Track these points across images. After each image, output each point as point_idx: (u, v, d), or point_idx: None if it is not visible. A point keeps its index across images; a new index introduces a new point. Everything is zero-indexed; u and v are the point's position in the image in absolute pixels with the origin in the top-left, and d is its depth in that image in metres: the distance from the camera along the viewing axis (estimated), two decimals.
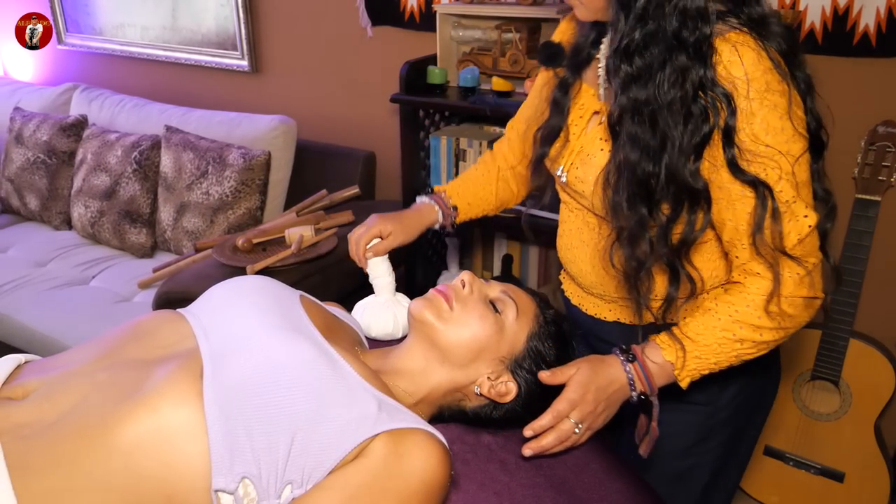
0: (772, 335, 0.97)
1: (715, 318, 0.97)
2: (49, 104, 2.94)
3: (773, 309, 0.95)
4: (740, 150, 0.90)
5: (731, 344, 0.97)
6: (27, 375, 0.91)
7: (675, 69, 0.89)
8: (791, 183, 0.91)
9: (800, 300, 0.95)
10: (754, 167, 0.91)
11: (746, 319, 0.96)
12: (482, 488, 0.97)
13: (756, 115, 0.89)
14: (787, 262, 0.93)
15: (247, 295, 1.00)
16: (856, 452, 1.81)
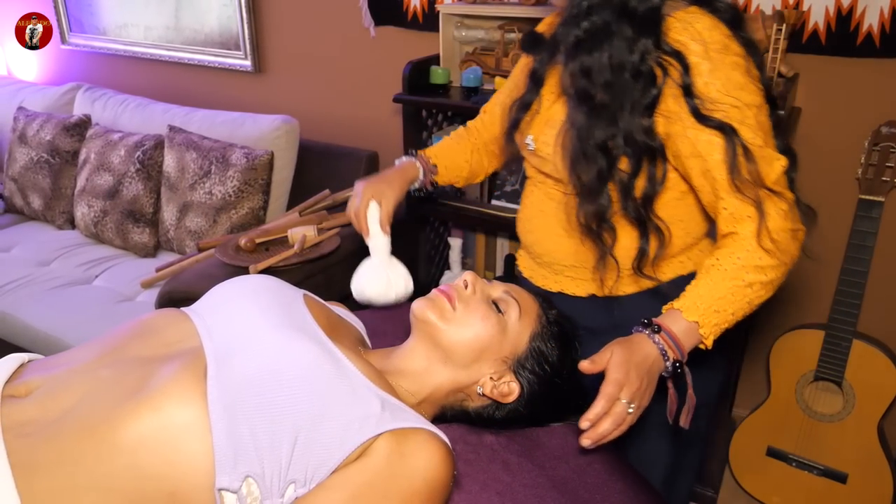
0: (775, 272, 1.00)
1: (721, 270, 0.99)
2: (52, 104, 2.95)
3: (768, 246, 0.98)
4: (703, 101, 0.97)
5: (743, 290, 0.99)
6: (30, 374, 0.91)
7: (622, 37, 0.97)
8: (758, 130, 0.98)
9: (788, 233, 1.00)
10: (719, 115, 0.96)
11: (750, 262, 0.99)
12: (484, 488, 0.97)
13: (718, 70, 0.96)
14: (770, 197, 0.98)
15: (250, 294, 1.00)
16: (859, 453, 1.81)
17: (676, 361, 0.99)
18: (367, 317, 1.34)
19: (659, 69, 0.98)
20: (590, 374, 0.96)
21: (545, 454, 1.05)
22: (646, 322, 1.00)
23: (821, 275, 1.99)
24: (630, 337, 1.00)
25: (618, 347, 0.97)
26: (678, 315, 1.00)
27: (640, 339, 0.99)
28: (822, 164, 1.90)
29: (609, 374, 0.94)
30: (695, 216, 1.13)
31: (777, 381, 1.88)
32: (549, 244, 1.21)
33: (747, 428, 1.96)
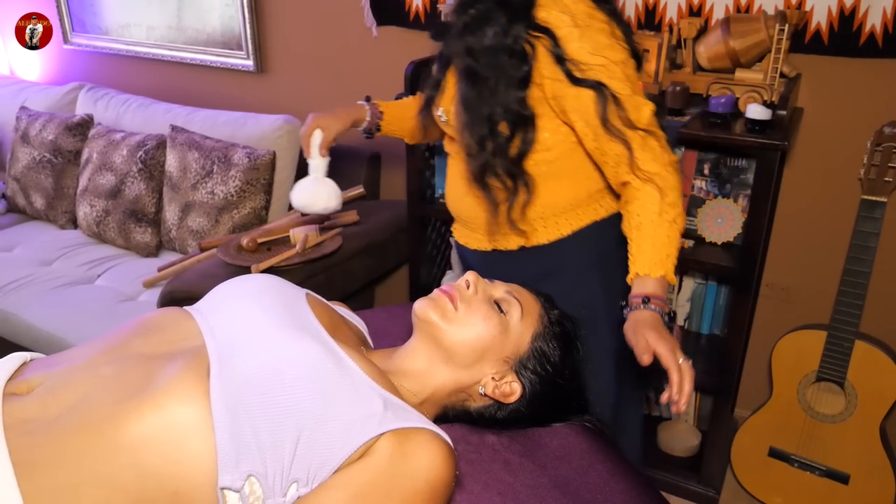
0: (676, 196, 1.18)
1: (648, 224, 1.16)
2: (55, 103, 2.95)
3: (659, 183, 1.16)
4: (577, 63, 1.13)
5: (671, 228, 1.16)
6: (31, 371, 0.91)
7: (498, 23, 1.15)
8: (626, 82, 1.15)
9: (669, 164, 1.17)
10: (591, 74, 1.13)
11: (660, 205, 1.16)
12: (486, 488, 0.97)
13: (586, 36, 1.13)
14: (645, 136, 1.16)
15: (253, 293, 1.00)
16: (861, 454, 1.81)
17: (669, 312, 1.21)
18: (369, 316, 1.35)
19: (530, 47, 1.15)
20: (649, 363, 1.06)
21: (547, 454, 1.05)
22: (627, 303, 1.16)
23: (823, 275, 1.99)
24: (638, 316, 1.13)
25: (645, 329, 1.09)
26: (648, 279, 1.16)
27: (645, 314, 1.12)
28: (824, 165, 1.89)
29: (659, 351, 1.06)
30: (582, 170, 1.29)
31: (779, 382, 1.88)
32: (469, 207, 1.35)
33: (749, 428, 1.96)
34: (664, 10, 1.94)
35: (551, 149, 1.24)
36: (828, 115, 1.85)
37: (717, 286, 2.05)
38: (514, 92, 1.17)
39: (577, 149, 1.26)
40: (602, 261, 1.34)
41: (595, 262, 1.34)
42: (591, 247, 1.33)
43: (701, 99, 1.83)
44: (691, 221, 1.95)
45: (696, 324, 2.11)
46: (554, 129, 1.23)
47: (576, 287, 1.31)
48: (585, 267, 1.34)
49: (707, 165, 1.93)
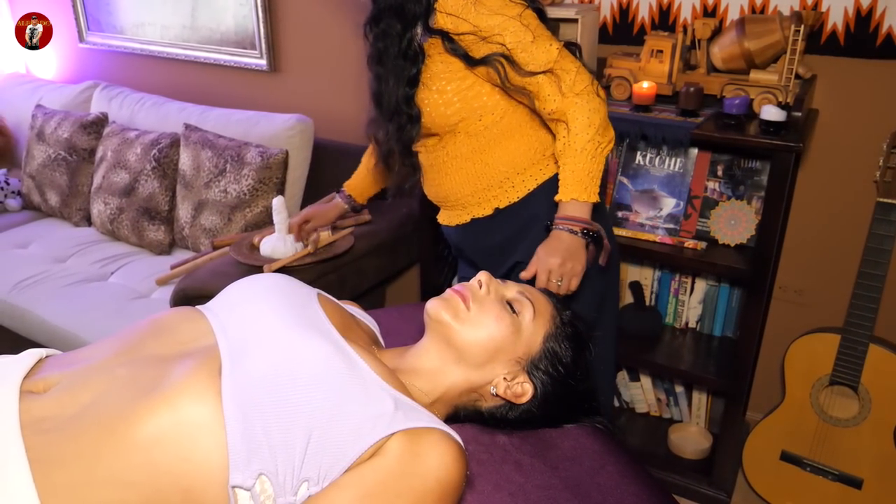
0: (599, 115, 1.30)
1: (573, 146, 1.29)
2: (70, 102, 2.98)
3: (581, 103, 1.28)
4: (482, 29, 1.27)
5: (596, 149, 1.29)
6: (48, 370, 0.92)
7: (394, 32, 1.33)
8: (525, 31, 1.27)
9: (588, 84, 1.29)
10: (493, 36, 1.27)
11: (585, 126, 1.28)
12: (497, 489, 0.97)
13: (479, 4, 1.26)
14: (559, 69, 1.28)
15: (265, 292, 1.00)
16: (875, 459, 1.79)
17: (585, 230, 1.30)
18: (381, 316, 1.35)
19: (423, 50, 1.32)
20: (527, 278, 1.28)
21: (558, 455, 1.05)
22: (550, 223, 1.32)
23: (837, 278, 1.97)
24: (549, 236, 1.33)
25: (539, 247, 1.31)
26: (563, 203, 1.32)
27: (553, 234, 1.32)
28: (839, 167, 1.88)
29: (531, 266, 1.30)
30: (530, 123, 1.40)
31: (792, 385, 1.86)
32: (446, 189, 1.49)
33: (761, 432, 1.94)
34: (678, 10, 1.93)
35: (494, 110, 1.37)
36: (843, 116, 1.83)
37: (730, 288, 2.04)
38: (405, 89, 1.34)
39: (517, 104, 1.38)
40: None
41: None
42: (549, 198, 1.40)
43: (715, 100, 1.82)
44: (704, 223, 1.94)
45: (708, 326, 2.10)
46: (489, 92, 1.36)
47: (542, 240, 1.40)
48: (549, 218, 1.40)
49: (720, 167, 1.92)
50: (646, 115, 1.77)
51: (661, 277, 2.11)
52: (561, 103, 1.28)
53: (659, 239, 1.92)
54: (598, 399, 1.14)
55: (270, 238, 1.94)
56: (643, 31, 1.99)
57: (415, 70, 1.33)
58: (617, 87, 1.89)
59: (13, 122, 3.16)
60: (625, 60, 1.89)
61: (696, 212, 1.95)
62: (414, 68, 1.33)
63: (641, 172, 2.00)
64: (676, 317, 2.13)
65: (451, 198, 1.50)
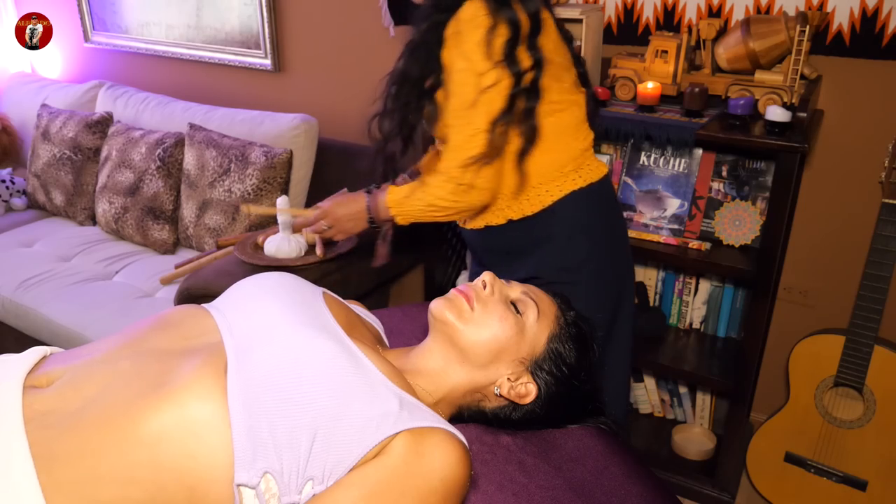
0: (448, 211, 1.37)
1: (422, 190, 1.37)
2: (75, 101, 2.98)
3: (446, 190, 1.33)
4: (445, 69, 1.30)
5: (426, 208, 1.38)
6: (51, 364, 0.92)
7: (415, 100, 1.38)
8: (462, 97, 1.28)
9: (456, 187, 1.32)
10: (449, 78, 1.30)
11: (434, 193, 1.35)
12: (501, 489, 0.97)
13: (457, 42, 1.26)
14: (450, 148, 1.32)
15: (270, 291, 1.00)
16: (879, 460, 1.79)
17: (372, 220, 1.49)
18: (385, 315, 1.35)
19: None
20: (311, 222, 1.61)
21: (562, 456, 1.05)
22: (370, 189, 1.47)
23: (842, 279, 1.97)
24: (357, 193, 1.53)
25: (337, 197, 1.53)
26: (384, 195, 1.43)
27: (359, 196, 1.52)
28: (844, 168, 1.88)
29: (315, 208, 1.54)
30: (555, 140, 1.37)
31: (796, 387, 1.86)
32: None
33: (765, 433, 1.94)
34: (683, 10, 1.93)
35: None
36: (848, 117, 1.83)
37: (735, 289, 2.04)
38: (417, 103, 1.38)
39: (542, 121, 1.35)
40: (586, 227, 1.42)
41: (581, 229, 1.41)
42: (575, 214, 1.41)
43: (720, 100, 1.82)
44: (708, 224, 1.94)
45: (712, 327, 2.10)
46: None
47: (564, 252, 1.41)
48: (571, 233, 1.41)
49: (725, 167, 1.92)
50: (650, 116, 1.77)
51: (665, 278, 2.11)
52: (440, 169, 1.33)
53: (663, 239, 1.92)
54: (601, 399, 1.14)
55: (274, 238, 1.95)
56: (648, 31, 1.99)
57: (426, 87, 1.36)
58: (621, 88, 1.89)
59: (18, 122, 3.17)
60: (629, 61, 1.89)
61: (700, 212, 1.95)
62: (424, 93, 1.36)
63: (646, 173, 2.00)
64: (680, 317, 2.13)
65: None
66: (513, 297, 1.04)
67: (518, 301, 1.04)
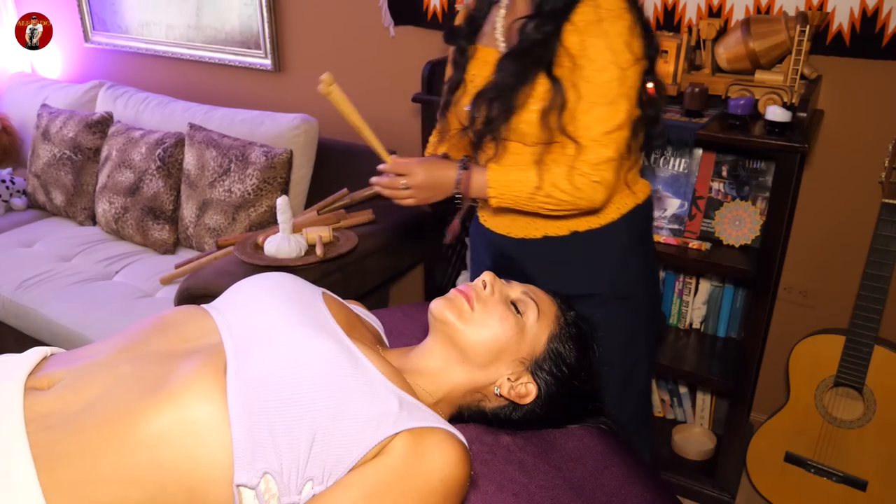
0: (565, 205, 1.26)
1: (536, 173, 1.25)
2: (75, 101, 2.98)
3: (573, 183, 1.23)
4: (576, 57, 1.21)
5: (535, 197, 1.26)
6: (52, 366, 0.92)
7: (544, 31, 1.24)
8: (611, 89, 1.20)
9: (589, 181, 1.23)
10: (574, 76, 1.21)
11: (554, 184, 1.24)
12: (500, 489, 0.97)
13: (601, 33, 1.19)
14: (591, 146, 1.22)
15: (270, 291, 1.00)
16: (879, 460, 1.79)
17: (458, 193, 1.30)
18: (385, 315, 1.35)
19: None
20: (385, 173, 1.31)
21: (562, 456, 1.05)
22: (465, 160, 1.31)
23: (842, 279, 1.97)
24: (447, 160, 1.35)
25: (427, 161, 1.32)
26: (484, 171, 1.29)
27: (451, 164, 1.31)
28: (844, 168, 1.87)
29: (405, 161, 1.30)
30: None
31: (796, 386, 1.86)
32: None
33: (765, 433, 1.94)
34: (683, 10, 1.93)
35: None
36: (849, 117, 1.83)
37: (735, 289, 2.04)
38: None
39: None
40: (643, 242, 1.41)
41: (639, 243, 1.40)
42: (635, 229, 1.39)
43: (720, 100, 1.82)
44: (708, 224, 1.94)
45: (712, 327, 2.10)
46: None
47: (623, 267, 1.38)
48: (631, 248, 1.38)
49: (725, 167, 1.92)
50: None
51: (665, 278, 2.11)
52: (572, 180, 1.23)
53: (663, 239, 1.92)
54: (602, 400, 1.14)
55: (274, 238, 1.95)
56: None
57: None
58: None
59: (19, 122, 3.17)
60: None
61: (700, 212, 1.95)
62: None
63: (646, 173, 2.00)
64: (681, 317, 2.13)
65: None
66: (513, 297, 1.04)
67: (518, 301, 1.04)
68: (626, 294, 1.39)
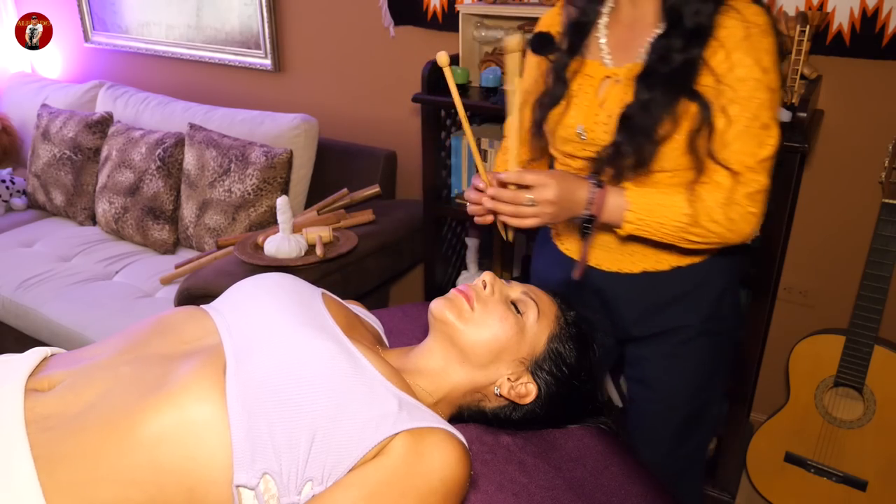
0: (715, 238, 1.14)
1: (684, 201, 1.13)
2: (75, 101, 2.99)
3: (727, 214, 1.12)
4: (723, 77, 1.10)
5: (681, 229, 1.13)
6: (53, 368, 0.92)
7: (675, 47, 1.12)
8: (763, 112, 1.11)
9: (748, 213, 1.13)
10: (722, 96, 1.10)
11: (705, 215, 1.12)
12: (500, 489, 0.97)
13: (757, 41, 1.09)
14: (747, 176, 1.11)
15: (269, 292, 1.00)
16: (879, 460, 1.79)
17: (590, 215, 1.15)
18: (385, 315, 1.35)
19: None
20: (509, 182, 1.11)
21: (562, 456, 1.05)
22: (597, 177, 1.16)
23: (842, 279, 1.97)
24: (578, 176, 1.16)
25: (559, 173, 1.14)
26: (621, 192, 1.14)
27: (583, 182, 1.15)
28: (844, 168, 1.87)
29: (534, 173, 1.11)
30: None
31: (796, 386, 1.86)
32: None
33: (765, 433, 1.94)
34: None
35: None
36: (848, 117, 1.83)
37: None
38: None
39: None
40: (738, 274, 1.34)
41: (735, 276, 1.32)
42: (735, 265, 1.31)
43: None
44: None
45: None
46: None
47: (719, 301, 1.29)
48: (729, 281, 1.31)
49: None
50: None
51: None
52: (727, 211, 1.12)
53: None
54: (601, 400, 1.14)
55: (274, 238, 1.95)
56: None
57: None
58: None
59: (19, 122, 3.17)
60: None
61: None
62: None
63: None
64: None
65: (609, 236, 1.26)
66: (513, 297, 1.04)
67: (518, 301, 1.04)
68: (717, 330, 1.31)
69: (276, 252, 1.93)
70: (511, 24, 2.03)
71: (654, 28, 1.15)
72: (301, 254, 1.94)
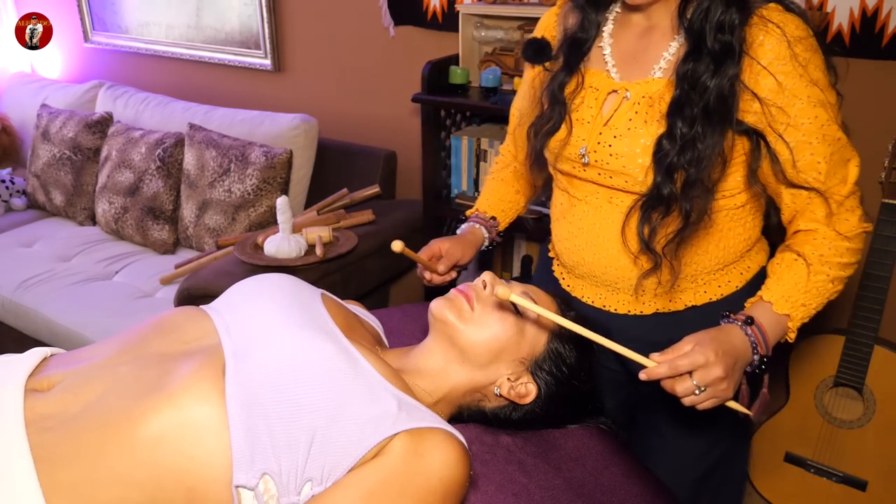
0: (851, 269, 1.04)
1: (805, 265, 1.02)
2: (75, 101, 2.99)
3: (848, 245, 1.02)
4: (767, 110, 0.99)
5: (826, 285, 1.02)
6: (52, 368, 0.92)
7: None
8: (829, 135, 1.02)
9: (863, 234, 1.03)
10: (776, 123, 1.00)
11: (833, 258, 1.01)
12: (500, 489, 0.97)
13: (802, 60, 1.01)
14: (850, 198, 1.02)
15: (269, 292, 1.00)
16: (879, 461, 1.79)
17: (763, 356, 0.98)
18: (385, 315, 1.35)
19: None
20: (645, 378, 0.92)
21: (561, 456, 1.05)
22: (732, 315, 1.00)
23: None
24: (719, 327, 0.98)
25: (703, 335, 0.93)
26: (768, 307, 1.00)
27: (730, 329, 0.97)
28: None
29: (683, 346, 0.92)
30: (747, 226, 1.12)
31: (796, 387, 1.86)
32: (623, 267, 1.12)
33: (765, 433, 1.94)
34: None
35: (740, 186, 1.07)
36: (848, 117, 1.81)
37: None
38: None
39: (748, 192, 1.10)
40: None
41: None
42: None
43: None
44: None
45: None
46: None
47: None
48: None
49: None
50: None
51: None
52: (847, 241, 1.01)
53: None
54: (601, 400, 1.13)
55: (274, 238, 1.95)
56: None
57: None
58: None
59: (18, 122, 3.17)
60: None
61: None
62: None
63: None
64: None
65: (625, 278, 1.13)
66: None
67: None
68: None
69: (276, 252, 1.93)
70: (511, 24, 2.03)
71: (668, 40, 1.03)
72: (301, 254, 1.94)
